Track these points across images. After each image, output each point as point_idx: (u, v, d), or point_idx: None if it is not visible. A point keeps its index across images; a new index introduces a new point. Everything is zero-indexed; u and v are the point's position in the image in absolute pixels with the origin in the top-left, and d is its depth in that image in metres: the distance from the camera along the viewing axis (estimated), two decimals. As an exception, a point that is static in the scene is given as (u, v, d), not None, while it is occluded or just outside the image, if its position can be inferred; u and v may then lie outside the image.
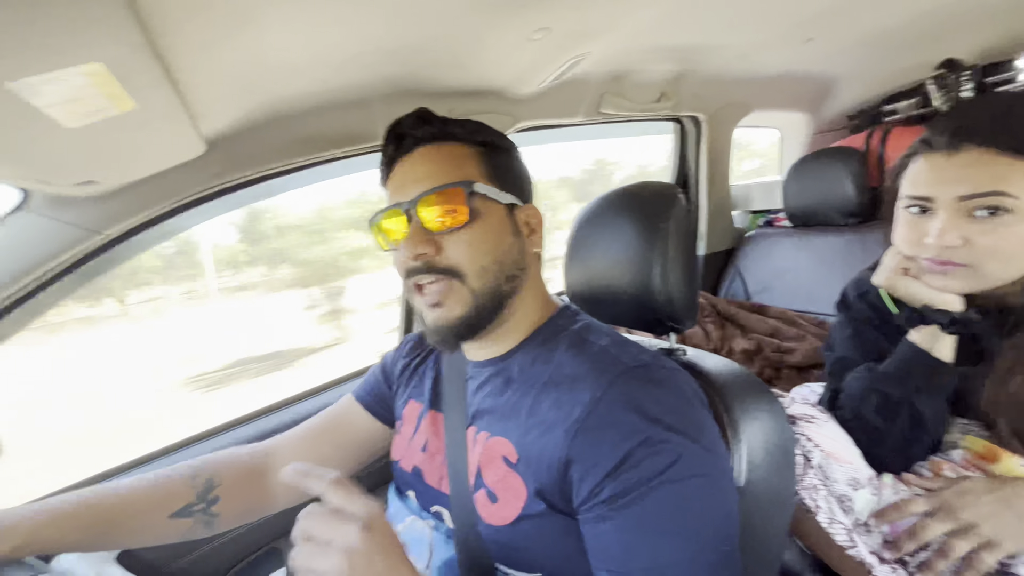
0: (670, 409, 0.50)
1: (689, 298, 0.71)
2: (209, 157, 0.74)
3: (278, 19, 0.54)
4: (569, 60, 0.93)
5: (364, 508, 0.42)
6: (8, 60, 0.32)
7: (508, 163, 0.63)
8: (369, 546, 0.40)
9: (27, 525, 0.55)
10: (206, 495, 0.67)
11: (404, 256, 0.57)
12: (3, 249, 0.69)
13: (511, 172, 0.63)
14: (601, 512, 0.48)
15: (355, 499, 0.42)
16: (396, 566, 0.42)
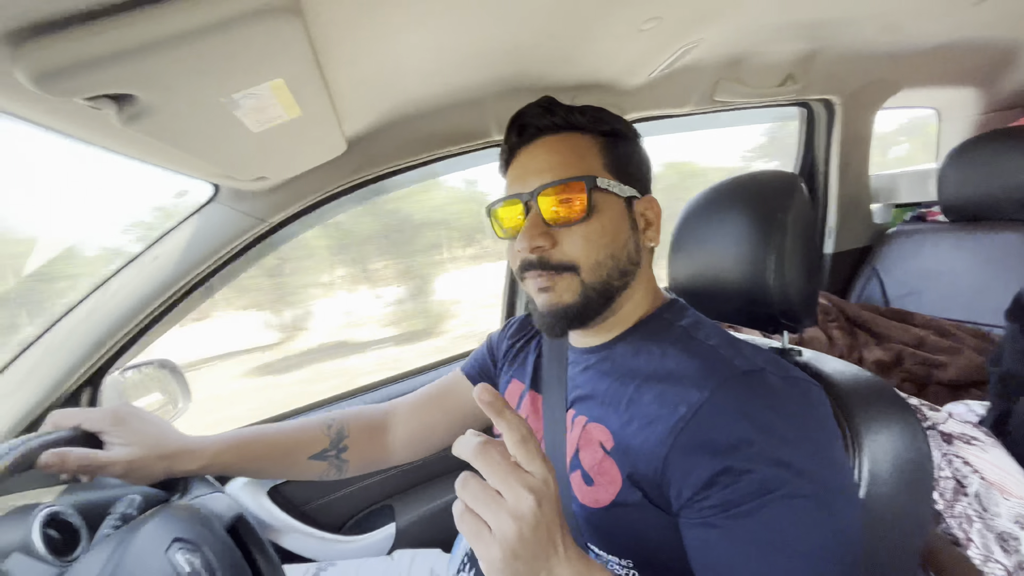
0: (787, 419, 0.47)
1: (807, 295, 0.66)
2: (349, 155, 0.85)
3: (411, 29, 0.60)
4: (681, 48, 0.91)
5: (542, 475, 0.40)
6: (223, 80, 0.42)
7: (630, 153, 0.62)
8: (539, 517, 0.38)
9: (211, 451, 0.69)
10: (338, 443, 0.78)
11: (519, 247, 0.58)
12: (198, 234, 0.87)
13: (632, 163, 0.62)
14: (707, 519, 0.47)
15: (537, 462, 0.40)
16: (556, 539, 0.40)
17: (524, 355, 0.78)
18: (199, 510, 0.64)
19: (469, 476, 0.41)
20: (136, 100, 0.40)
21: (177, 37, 0.35)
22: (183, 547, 0.57)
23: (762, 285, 0.65)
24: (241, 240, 0.90)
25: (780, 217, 0.65)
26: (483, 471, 0.40)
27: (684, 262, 0.78)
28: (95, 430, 0.63)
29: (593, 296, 0.58)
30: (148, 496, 0.76)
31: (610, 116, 0.62)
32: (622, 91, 1.04)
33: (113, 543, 0.52)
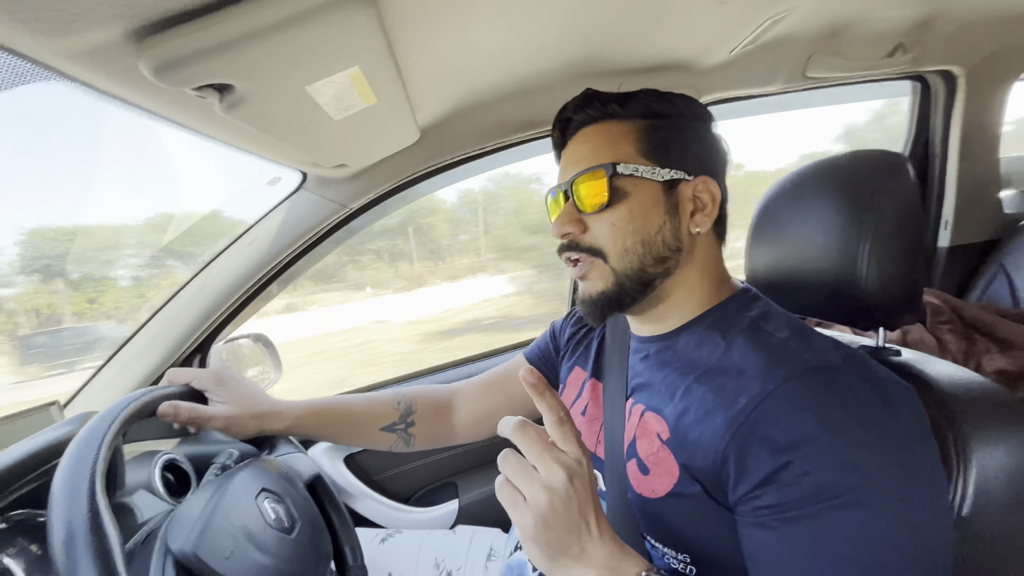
0: (861, 421, 0.43)
1: (908, 289, 0.60)
2: (422, 143, 0.89)
3: (483, 16, 0.62)
4: (766, 20, 0.84)
5: (576, 455, 0.43)
6: (306, 69, 0.46)
7: (675, 135, 0.60)
8: (569, 492, 0.41)
9: (295, 413, 0.76)
10: (406, 417, 0.83)
11: (552, 232, 0.61)
12: (288, 219, 0.96)
13: (678, 145, 0.59)
14: (762, 519, 0.44)
15: (572, 443, 0.44)
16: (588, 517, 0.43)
17: (587, 343, 0.78)
18: (284, 466, 0.71)
19: (509, 452, 0.45)
20: (234, 89, 0.45)
21: (268, 29, 0.39)
22: (269, 496, 0.64)
23: (853, 276, 0.60)
24: (325, 225, 0.97)
25: (878, 200, 0.59)
26: (521, 447, 0.44)
27: (763, 252, 0.73)
28: (201, 388, 0.72)
29: (627, 283, 0.58)
30: (243, 451, 0.85)
31: (657, 100, 0.60)
32: (700, 71, 0.99)
33: (214, 487, 0.59)
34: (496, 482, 0.45)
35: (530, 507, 0.41)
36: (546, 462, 0.42)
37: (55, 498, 0.43)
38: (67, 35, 0.34)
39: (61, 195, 14.32)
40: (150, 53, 0.37)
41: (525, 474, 0.42)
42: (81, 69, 0.39)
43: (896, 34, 1.05)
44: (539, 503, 0.41)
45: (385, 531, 0.97)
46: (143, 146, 10.31)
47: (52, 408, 0.86)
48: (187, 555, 0.49)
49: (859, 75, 1.11)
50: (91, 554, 0.39)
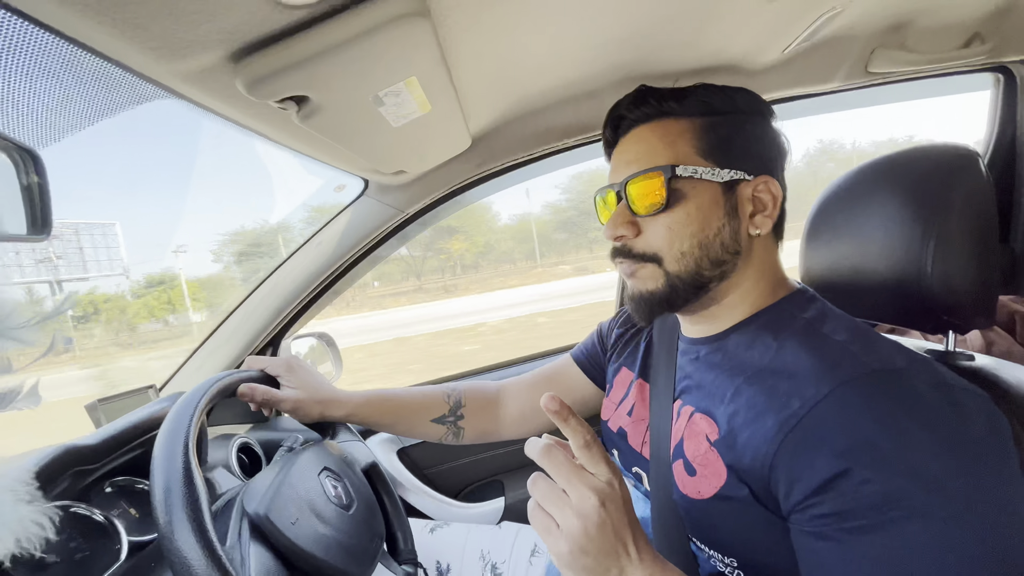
0: (927, 427, 0.41)
1: (978, 290, 0.57)
2: (473, 150, 0.94)
3: (531, 25, 0.65)
4: (820, 16, 0.82)
5: (606, 477, 0.42)
6: (370, 80, 0.52)
7: (734, 133, 0.58)
8: (603, 516, 0.40)
9: (354, 402, 0.82)
10: (456, 410, 0.87)
11: (605, 235, 0.60)
12: (352, 223, 1.04)
13: (737, 143, 0.57)
14: (821, 528, 0.43)
15: (601, 466, 0.42)
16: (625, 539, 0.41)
17: (635, 344, 0.78)
18: (343, 451, 0.77)
19: (539, 476, 0.43)
20: (310, 101, 0.51)
21: (338, 44, 0.44)
22: (329, 475, 0.69)
23: (917, 276, 0.57)
24: (384, 228, 1.04)
25: (945, 196, 0.57)
26: (549, 471, 0.43)
27: (820, 252, 0.71)
28: (274, 374, 0.79)
29: (680, 285, 0.57)
30: (307, 437, 0.92)
31: (715, 95, 0.58)
32: (751, 71, 0.98)
33: (282, 463, 0.66)
34: (528, 508, 0.44)
35: (564, 534, 0.40)
36: (576, 487, 0.41)
37: (156, 459, 0.50)
38: (183, 58, 0.41)
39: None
40: (245, 71, 0.44)
41: (556, 500, 0.41)
42: (189, 87, 0.46)
43: (971, 23, 0.98)
44: (572, 529, 0.40)
45: (434, 522, 1.01)
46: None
47: (150, 391, 0.97)
48: (260, 516, 0.55)
49: (931, 68, 1.04)
50: (185, 504, 0.45)
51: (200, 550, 0.43)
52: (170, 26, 0.36)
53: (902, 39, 0.98)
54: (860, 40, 0.96)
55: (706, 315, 0.61)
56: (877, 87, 1.10)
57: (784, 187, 0.59)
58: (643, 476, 0.65)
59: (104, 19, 0.33)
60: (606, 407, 0.78)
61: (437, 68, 0.55)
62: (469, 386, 0.91)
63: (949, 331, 0.63)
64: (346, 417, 0.82)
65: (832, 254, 0.69)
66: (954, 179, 0.57)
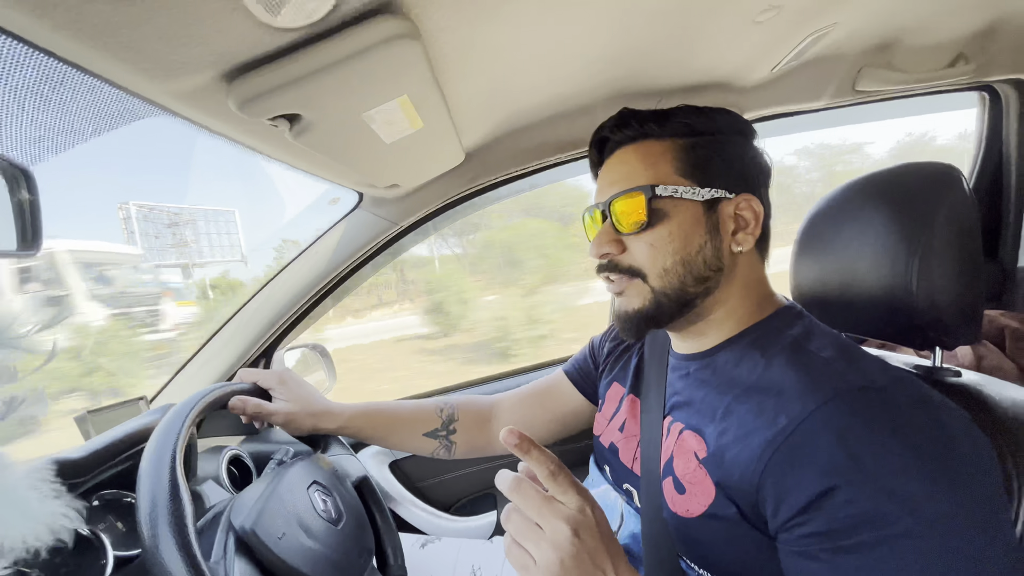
0: (911, 446, 0.41)
1: (964, 305, 0.57)
2: (466, 165, 0.95)
3: (522, 44, 0.66)
4: (808, 37, 0.84)
5: (576, 504, 0.41)
6: (361, 99, 0.53)
7: (714, 153, 0.58)
8: (576, 546, 0.39)
9: (346, 414, 0.82)
10: (448, 424, 0.86)
11: (590, 253, 0.61)
12: (346, 235, 1.04)
13: (718, 162, 0.58)
14: (807, 548, 0.43)
15: (570, 494, 0.42)
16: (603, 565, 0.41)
17: (626, 359, 0.78)
18: (333, 465, 0.77)
19: (512, 510, 0.43)
20: (302, 119, 0.52)
21: (329, 65, 0.45)
22: (319, 489, 0.69)
23: (904, 292, 0.58)
24: (378, 241, 1.05)
25: (928, 213, 0.58)
26: (520, 506, 0.42)
27: (809, 268, 0.72)
28: (266, 386, 0.79)
29: (665, 302, 0.57)
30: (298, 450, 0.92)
31: (695, 117, 0.59)
32: (741, 89, 0.99)
33: (271, 476, 0.65)
34: (504, 544, 0.43)
35: (541, 568, 0.40)
36: (547, 519, 0.40)
37: (142, 472, 0.50)
38: (176, 78, 0.42)
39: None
40: (237, 91, 0.45)
41: (529, 534, 0.41)
42: (182, 106, 0.47)
43: (956, 43, 1.01)
44: (549, 563, 0.39)
45: (425, 537, 1.00)
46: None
47: (140, 402, 0.97)
48: (246, 531, 0.55)
49: (917, 87, 1.06)
50: (170, 520, 0.45)
51: (184, 566, 0.43)
52: (162, 49, 0.37)
53: (889, 58, 1.00)
54: (848, 59, 0.98)
55: (694, 331, 0.61)
56: (865, 105, 1.12)
57: (767, 204, 0.60)
58: (634, 493, 0.65)
59: (97, 42, 0.34)
60: (598, 422, 0.78)
61: (428, 87, 0.56)
62: (462, 400, 0.91)
63: (936, 347, 0.64)
64: (338, 430, 0.82)
65: (822, 269, 0.70)
66: (937, 195, 0.58)
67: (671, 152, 0.58)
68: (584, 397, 0.86)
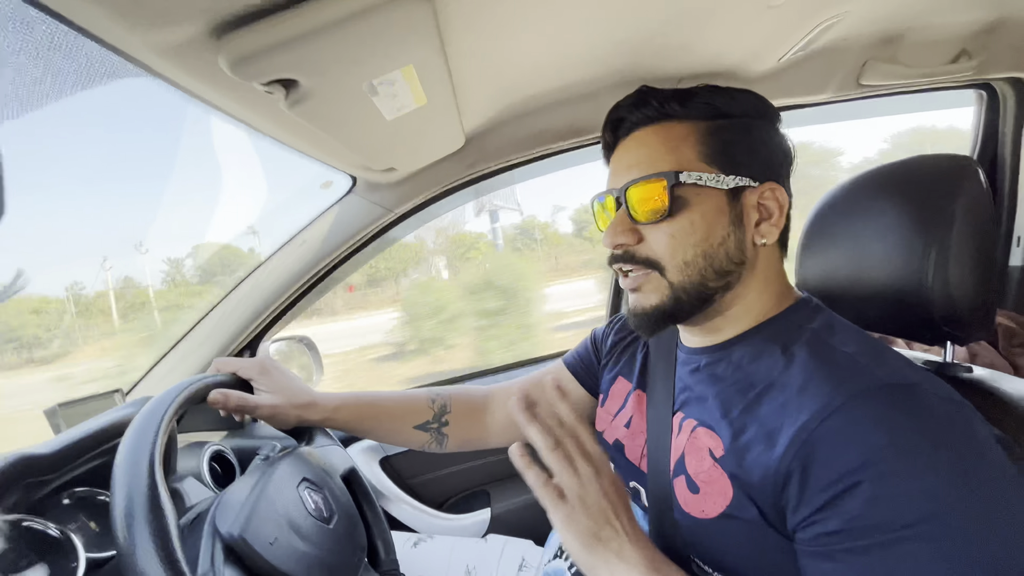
0: (942, 445, 0.39)
1: (979, 300, 0.56)
2: (467, 149, 0.91)
3: (531, 22, 0.63)
4: (818, 26, 0.82)
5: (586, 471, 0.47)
6: (365, 65, 0.49)
7: (740, 138, 0.55)
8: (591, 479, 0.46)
9: (332, 405, 0.78)
10: (440, 417, 0.83)
11: (604, 242, 0.58)
12: (338, 222, 1.00)
13: (742, 148, 0.55)
14: (826, 548, 0.41)
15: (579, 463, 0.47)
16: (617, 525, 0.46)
17: (631, 352, 0.75)
18: (321, 459, 0.73)
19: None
20: (299, 85, 0.48)
21: (332, 24, 0.41)
22: (309, 486, 0.65)
23: (917, 286, 0.57)
24: (371, 228, 1.01)
25: (945, 204, 0.56)
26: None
27: (816, 261, 0.70)
28: (247, 377, 0.74)
29: (684, 297, 0.54)
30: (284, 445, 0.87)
31: (720, 97, 0.56)
32: (747, 79, 0.97)
33: (258, 474, 0.61)
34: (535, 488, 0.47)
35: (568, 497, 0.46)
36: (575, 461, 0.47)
37: (118, 470, 0.45)
38: (157, 28, 0.38)
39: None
40: (229, 47, 0.41)
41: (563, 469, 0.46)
42: (167, 64, 0.42)
43: (959, 40, 1.00)
44: (572, 488, 0.46)
45: (417, 535, 0.97)
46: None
47: (115, 395, 0.91)
48: (235, 538, 0.51)
49: (919, 82, 1.06)
50: (149, 527, 0.41)
51: None
52: (144, -10, 0.33)
53: (893, 52, 1.00)
54: (853, 52, 0.98)
55: (709, 326, 0.59)
56: (867, 100, 1.11)
57: (790, 194, 0.57)
58: (641, 492, 0.63)
59: None
60: (601, 418, 0.75)
61: (436, 58, 0.53)
62: (455, 391, 0.87)
63: (947, 342, 0.63)
64: (324, 421, 0.78)
65: (829, 264, 0.68)
66: (955, 189, 0.57)
67: (694, 135, 0.55)
68: (585, 390, 0.83)
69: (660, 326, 0.58)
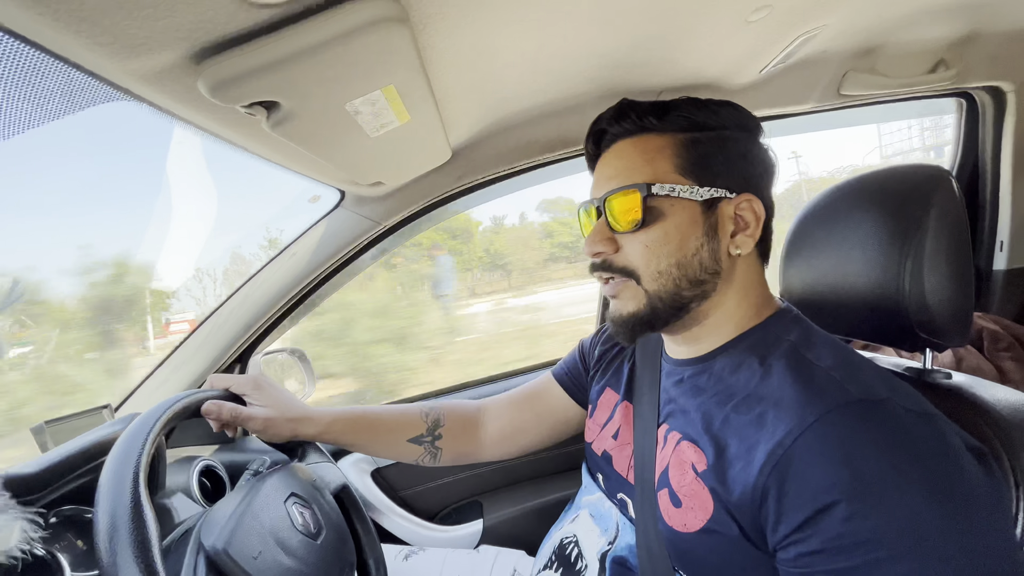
0: (915, 460, 0.40)
1: (956, 307, 0.57)
2: (453, 163, 0.92)
3: (512, 37, 0.64)
4: (798, 38, 0.84)
5: None
6: (345, 87, 0.50)
7: (716, 150, 0.56)
8: None
9: (326, 420, 0.78)
10: (434, 430, 0.83)
11: (584, 251, 0.59)
12: (327, 235, 1.00)
13: (719, 160, 0.56)
14: (808, 569, 0.41)
15: None
16: None
17: (619, 363, 0.76)
18: (312, 475, 0.73)
19: None
20: (280, 107, 0.49)
21: (311, 48, 0.42)
22: (297, 501, 0.65)
23: (895, 294, 0.58)
24: (360, 241, 1.01)
25: (919, 214, 0.57)
26: None
27: (799, 270, 0.71)
28: (240, 392, 0.74)
29: (660, 306, 0.56)
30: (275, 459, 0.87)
31: (699, 110, 0.57)
32: (729, 90, 0.99)
33: (246, 489, 0.61)
34: None
35: None
36: None
37: (101, 487, 0.46)
38: (138, 56, 0.38)
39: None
40: (208, 72, 0.41)
41: None
42: (147, 88, 0.43)
43: (937, 50, 1.03)
44: None
45: (409, 548, 0.97)
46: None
47: (104, 411, 0.91)
48: (218, 552, 0.51)
49: (898, 92, 1.08)
50: (131, 542, 0.41)
51: None
52: (121, 21, 0.34)
53: (872, 63, 1.02)
54: (833, 63, 0.99)
55: (689, 336, 0.60)
56: (849, 109, 1.13)
57: (770, 205, 0.58)
58: (628, 503, 0.63)
59: (45, 11, 0.30)
60: (590, 429, 0.75)
61: (416, 77, 0.54)
62: (448, 405, 0.87)
63: (926, 349, 0.63)
64: (318, 436, 0.78)
65: (811, 272, 0.69)
66: (928, 197, 0.58)
67: (670, 148, 0.56)
68: (575, 402, 0.83)
69: (638, 332, 0.59)
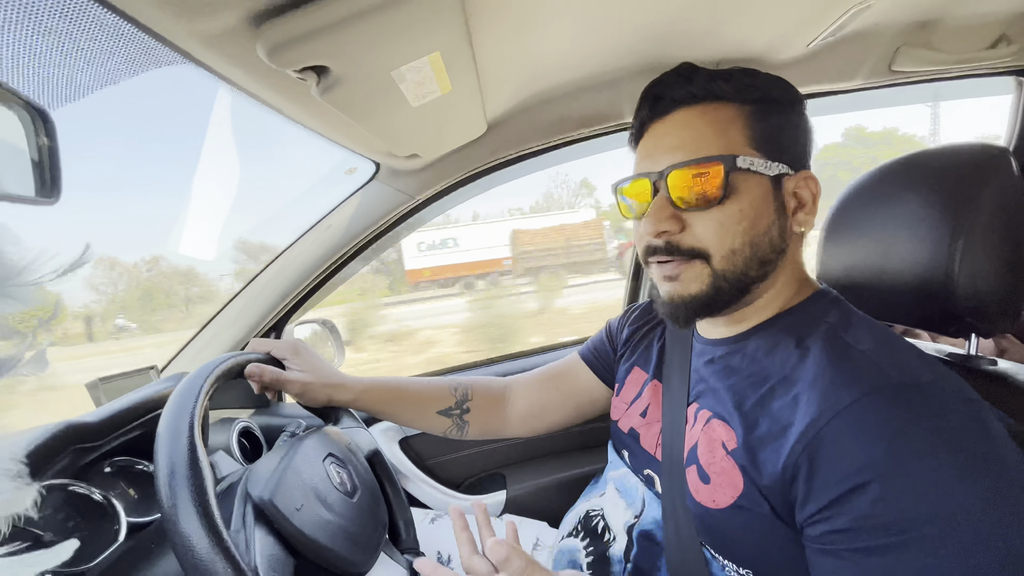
0: (953, 443, 0.39)
1: (1007, 291, 0.55)
2: (488, 136, 0.92)
3: (556, 9, 0.63)
4: (849, 10, 0.80)
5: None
6: (393, 52, 0.50)
7: (784, 123, 0.54)
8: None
9: (360, 387, 0.80)
10: (462, 404, 0.85)
11: (644, 230, 0.54)
12: (361, 207, 1.02)
13: (786, 134, 0.53)
14: (832, 546, 0.41)
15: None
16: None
17: (648, 342, 0.76)
18: (346, 438, 0.75)
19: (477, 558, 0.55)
20: (330, 72, 0.49)
21: (363, 12, 0.42)
22: (334, 462, 0.68)
23: (943, 276, 0.56)
24: (394, 214, 1.03)
25: (975, 194, 0.55)
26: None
27: (840, 251, 0.70)
28: (280, 356, 0.77)
29: (725, 287, 0.53)
30: (309, 423, 0.90)
31: (764, 80, 0.54)
32: (773, 65, 0.95)
33: (286, 448, 0.64)
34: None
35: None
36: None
37: (160, 436, 0.48)
38: (203, 18, 0.39)
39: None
40: (267, 35, 0.42)
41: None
42: (207, 51, 0.44)
43: (999, 24, 0.97)
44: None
45: (434, 512, 1.00)
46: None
47: (151, 371, 0.96)
48: (265, 501, 0.54)
49: (956, 68, 1.03)
50: (189, 485, 0.44)
51: (205, 534, 0.42)
52: (191, -19, 0.35)
53: (928, 37, 0.97)
54: (886, 37, 0.95)
55: (735, 316, 0.58)
56: (898, 87, 1.08)
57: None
58: (655, 479, 0.64)
59: None
60: (616, 407, 0.76)
61: (461, 46, 0.53)
62: (476, 381, 0.89)
63: (971, 334, 0.62)
64: (351, 402, 0.81)
65: (852, 254, 0.68)
66: (986, 177, 0.56)
67: (742, 119, 0.52)
68: (601, 381, 0.84)
69: (697, 316, 0.56)
